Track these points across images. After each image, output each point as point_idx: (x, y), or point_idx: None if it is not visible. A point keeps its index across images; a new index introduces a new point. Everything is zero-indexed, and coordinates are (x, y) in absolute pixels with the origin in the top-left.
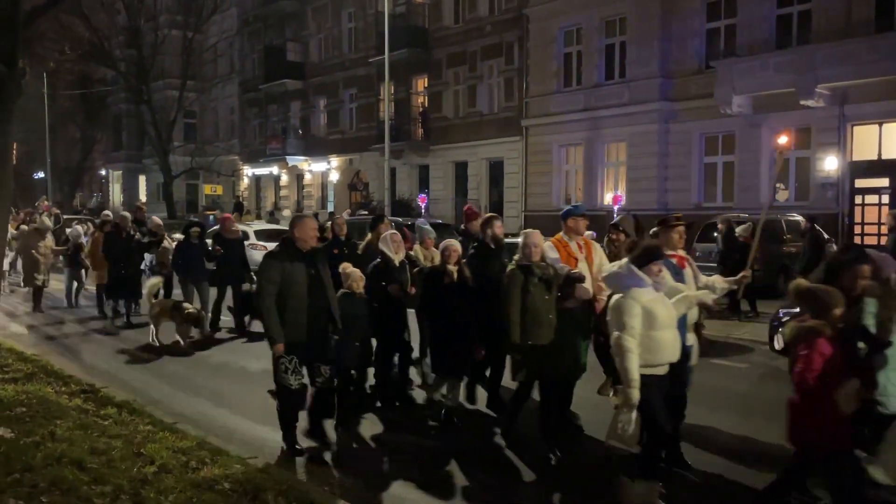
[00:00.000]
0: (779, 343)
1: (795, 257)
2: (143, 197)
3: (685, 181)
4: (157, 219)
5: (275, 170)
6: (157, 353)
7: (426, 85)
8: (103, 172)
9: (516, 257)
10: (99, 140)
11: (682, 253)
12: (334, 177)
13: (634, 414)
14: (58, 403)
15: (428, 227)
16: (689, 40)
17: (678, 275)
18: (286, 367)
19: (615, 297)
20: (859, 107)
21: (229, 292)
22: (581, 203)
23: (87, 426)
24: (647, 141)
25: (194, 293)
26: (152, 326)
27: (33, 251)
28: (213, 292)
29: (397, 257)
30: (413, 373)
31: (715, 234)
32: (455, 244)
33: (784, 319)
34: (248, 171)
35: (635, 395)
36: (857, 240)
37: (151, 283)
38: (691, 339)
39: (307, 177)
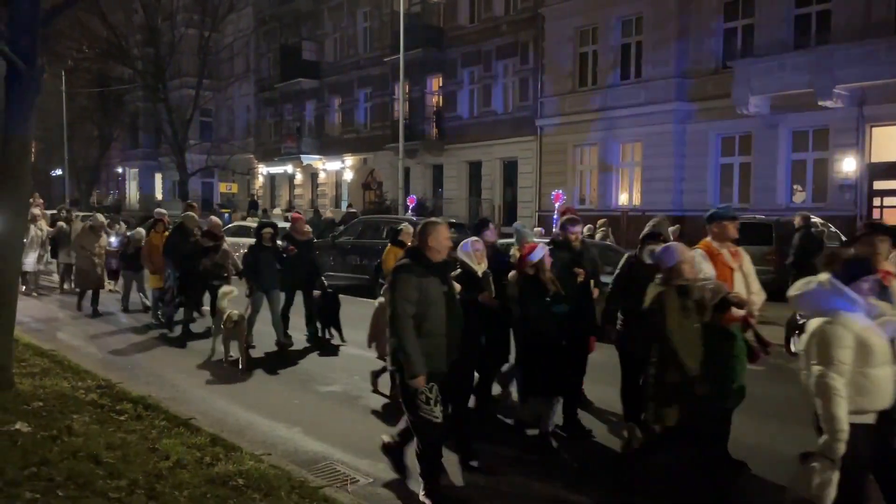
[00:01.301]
0: (794, 346)
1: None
2: (159, 195)
3: (701, 182)
4: (215, 219)
5: (289, 168)
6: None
7: (441, 84)
8: (120, 170)
9: (660, 273)
10: (116, 138)
11: (890, 266)
12: (348, 176)
13: (837, 473)
14: (74, 398)
15: (527, 230)
16: (706, 40)
17: (883, 293)
18: (427, 397)
19: (815, 322)
20: (878, 108)
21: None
22: (728, 204)
23: (103, 421)
24: (662, 141)
25: (263, 303)
26: (218, 343)
27: (89, 252)
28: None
29: (480, 268)
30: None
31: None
32: (547, 250)
33: (801, 322)
34: (262, 170)
35: (841, 448)
36: None
37: (224, 291)
38: None
39: (321, 175)
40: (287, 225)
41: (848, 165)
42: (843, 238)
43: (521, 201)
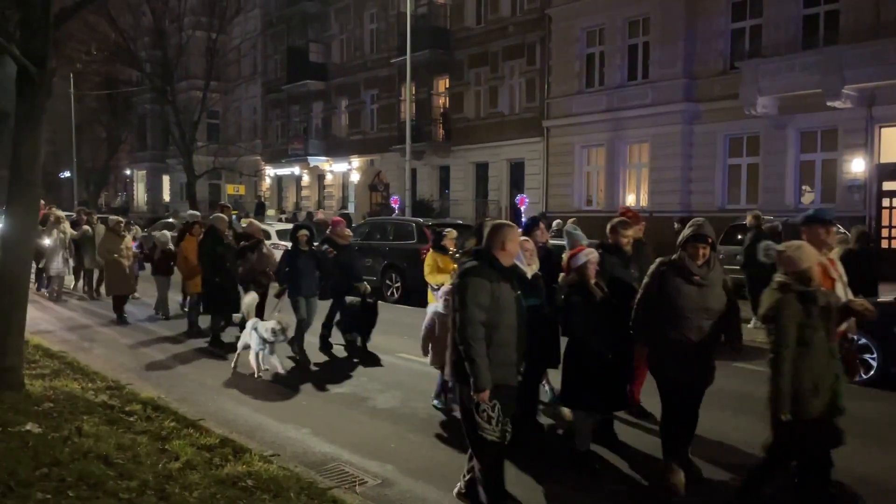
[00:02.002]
0: None
1: None
2: (166, 196)
3: (708, 183)
4: (255, 222)
5: (296, 170)
6: (188, 350)
7: (447, 86)
8: (128, 172)
9: (779, 277)
10: (124, 140)
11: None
12: (355, 177)
13: None
14: (84, 399)
15: (578, 231)
16: (714, 40)
17: None
18: (489, 415)
19: None
20: (887, 108)
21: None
22: (827, 208)
23: (113, 422)
24: (670, 142)
25: (304, 309)
26: (249, 355)
27: (116, 255)
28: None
29: (530, 269)
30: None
31: (740, 237)
32: (595, 255)
33: None
34: (270, 172)
35: None
36: (885, 244)
37: (249, 299)
38: None
39: (328, 177)
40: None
41: (857, 166)
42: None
43: (528, 202)
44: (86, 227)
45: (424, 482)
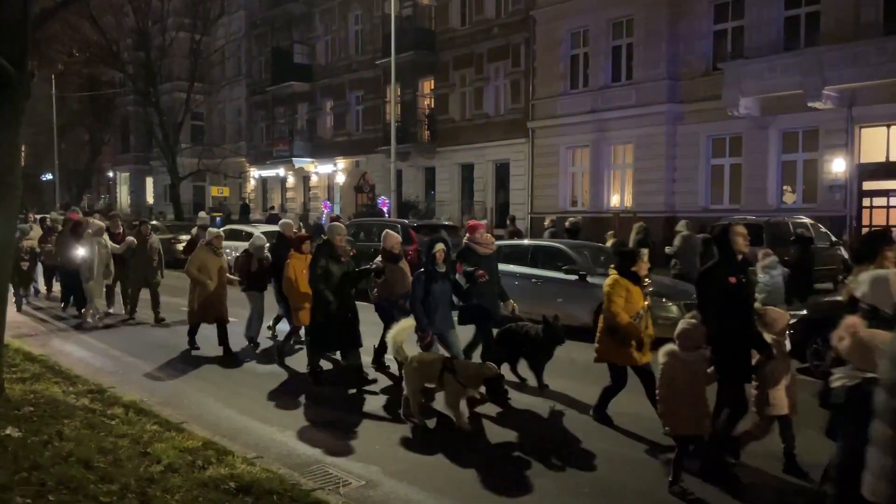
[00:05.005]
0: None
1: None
2: (150, 199)
3: (692, 183)
4: (394, 234)
5: (281, 171)
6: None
7: (433, 87)
8: (111, 174)
9: None
10: (107, 142)
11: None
12: (340, 178)
13: None
14: (65, 403)
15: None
16: (697, 42)
17: None
18: None
19: None
20: (867, 109)
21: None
22: None
23: (94, 425)
24: (654, 143)
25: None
26: (408, 398)
27: (210, 280)
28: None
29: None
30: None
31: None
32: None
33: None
34: (254, 173)
35: None
36: None
37: (401, 327)
38: None
39: (313, 178)
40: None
41: (837, 166)
42: (833, 238)
43: (514, 203)
44: (130, 238)
45: (409, 483)
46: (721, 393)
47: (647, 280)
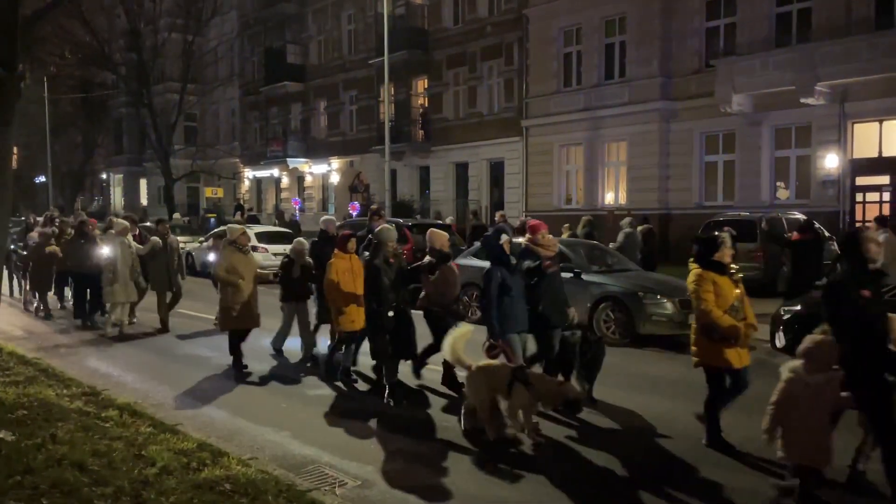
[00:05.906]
0: (780, 341)
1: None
2: (143, 200)
3: (686, 180)
4: (441, 233)
5: (275, 172)
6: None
7: (426, 86)
8: (104, 176)
9: None
10: (100, 144)
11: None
12: (335, 179)
13: None
14: (59, 406)
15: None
16: (689, 39)
17: None
18: None
19: None
20: (860, 104)
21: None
22: None
23: (88, 428)
24: (647, 140)
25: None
26: (473, 409)
27: (241, 280)
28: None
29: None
30: None
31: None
32: None
33: (785, 318)
34: (248, 174)
35: None
36: None
37: (459, 332)
38: None
39: (308, 179)
40: (272, 230)
41: (830, 162)
42: (827, 234)
43: (508, 202)
44: (155, 238)
45: (405, 483)
46: (871, 425)
47: (733, 267)
